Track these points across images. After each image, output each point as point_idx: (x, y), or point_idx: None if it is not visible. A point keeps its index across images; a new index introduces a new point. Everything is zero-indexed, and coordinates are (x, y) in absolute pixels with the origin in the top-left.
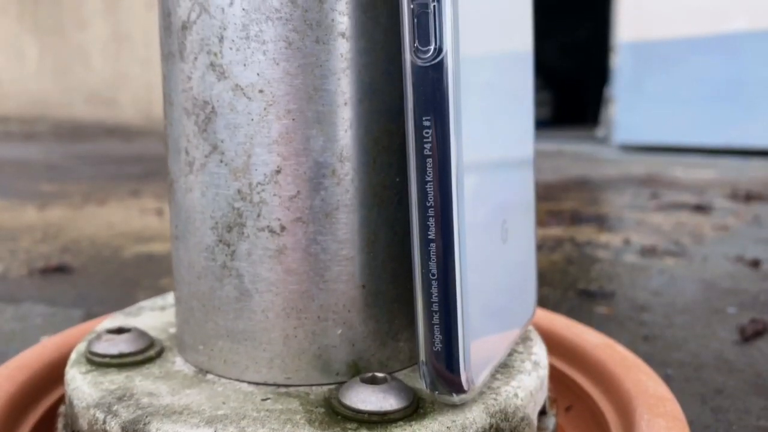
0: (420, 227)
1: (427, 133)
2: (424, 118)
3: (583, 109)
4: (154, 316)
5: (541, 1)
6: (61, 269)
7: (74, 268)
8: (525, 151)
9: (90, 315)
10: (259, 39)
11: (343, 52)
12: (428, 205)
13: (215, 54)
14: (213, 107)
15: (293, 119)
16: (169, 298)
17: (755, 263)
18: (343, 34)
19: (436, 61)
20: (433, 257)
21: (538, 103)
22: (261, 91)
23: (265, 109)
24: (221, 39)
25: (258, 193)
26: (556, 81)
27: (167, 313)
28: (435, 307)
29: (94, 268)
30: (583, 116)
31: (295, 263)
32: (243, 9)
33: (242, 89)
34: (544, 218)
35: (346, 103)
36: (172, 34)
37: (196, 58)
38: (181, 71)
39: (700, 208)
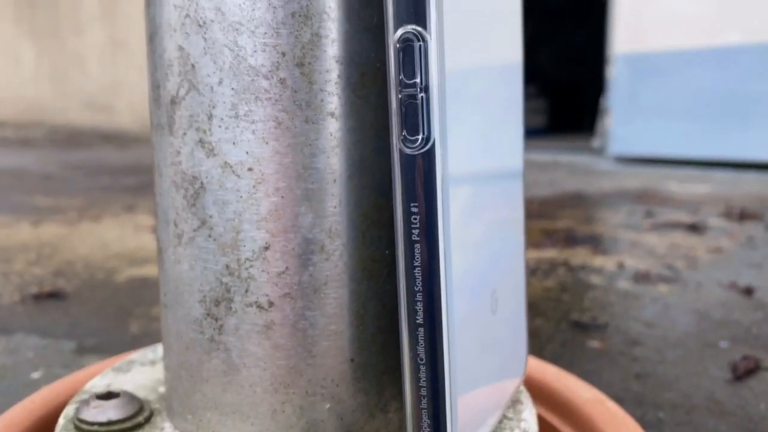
0: (408, 311)
1: (415, 219)
2: (412, 205)
3: (580, 117)
4: (144, 372)
5: (537, 7)
6: (54, 295)
7: (67, 293)
8: (515, 205)
9: (82, 347)
10: (249, 118)
11: (332, 131)
12: (416, 290)
13: (204, 131)
14: (202, 183)
15: (282, 197)
16: (159, 350)
17: (748, 291)
18: (332, 114)
19: (424, 150)
20: (422, 342)
21: (534, 111)
22: (250, 169)
23: (254, 186)
24: (210, 117)
25: (246, 268)
26: (551, 88)
27: (157, 368)
28: (423, 392)
29: (88, 294)
30: (579, 124)
31: (283, 339)
32: (232, 89)
33: (231, 167)
34: (538, 239)
35: (335, 180)
36: (161, 107)
37: (185, 134)
38: (171, 145)
39: (695, 228)
